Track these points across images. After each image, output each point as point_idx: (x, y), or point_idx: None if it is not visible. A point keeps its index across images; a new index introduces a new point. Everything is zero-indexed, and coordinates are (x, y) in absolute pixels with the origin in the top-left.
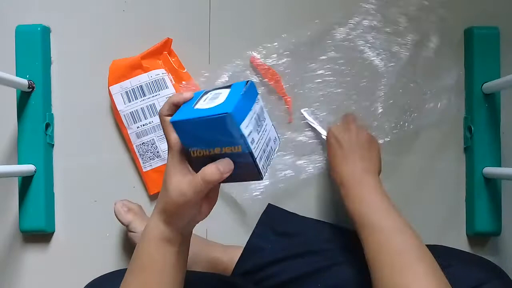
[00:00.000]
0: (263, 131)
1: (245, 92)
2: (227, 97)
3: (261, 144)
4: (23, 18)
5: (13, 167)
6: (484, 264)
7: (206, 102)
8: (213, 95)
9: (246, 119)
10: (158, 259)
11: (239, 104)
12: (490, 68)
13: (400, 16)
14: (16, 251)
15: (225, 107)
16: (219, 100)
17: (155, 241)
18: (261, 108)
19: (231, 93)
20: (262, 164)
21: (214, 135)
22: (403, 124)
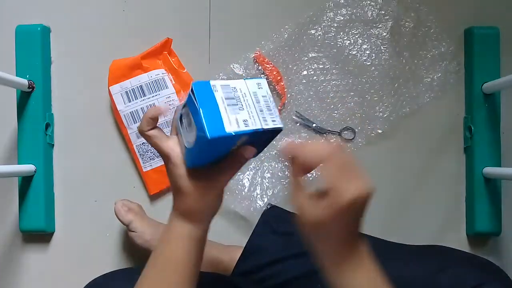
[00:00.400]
0: (245, 101)
1: (199, 102)
2: (194, 119)
3: (254, 112)
4: (23, 18)
5: (13, 167)
6: (484, 265)
7: (186, 128)
8: (186, 117)
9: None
10: (183, 256)
11: (207, 119)
12: (490, 68)
13: (371, 2)
14: (16, 251)
15: (203, 132)
16: (192, 125)
17: (181, 240)
18: (225, 88)
19: (192, 111)
20: (268, 120)
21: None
22: (398, 109)
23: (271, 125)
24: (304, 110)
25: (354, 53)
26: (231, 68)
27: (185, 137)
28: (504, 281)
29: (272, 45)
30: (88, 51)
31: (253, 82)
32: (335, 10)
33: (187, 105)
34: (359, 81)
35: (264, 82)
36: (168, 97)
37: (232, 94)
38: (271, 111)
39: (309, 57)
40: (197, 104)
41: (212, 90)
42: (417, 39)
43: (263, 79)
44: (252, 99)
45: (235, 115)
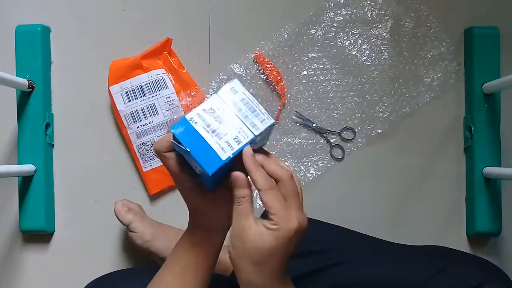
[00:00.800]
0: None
1: (186, 144)
2: (188, 158)
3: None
4: (23, 18)
5: (13, 167)
6: (484, 265)
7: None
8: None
9: (216, 149)
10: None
11: (200, 158)
12: (490, 68)
13: (371, 2)
14: (16, 251)
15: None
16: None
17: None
18: (202, 116)
19: (184, 153)
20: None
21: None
22: (398, 109)
23: (262, 126)
24: (304, 110)
25: (354, 53)
26: (231, 68)
27: (194, 168)
28: (504, 281)
29: (272, 45)
30: (88, 51)
31: (227, 91)
32: (335, 10)
33: (179, 151)
34: (359, 81)
35: (236, 83)
36: (168, 97)
37: (212, 118)
38: (256, 112)
39: (309, 57)
40: (185, 148)
41: (192, 125)
42: (417, 39)
43: (234, 80)
44: (233, 110)
45: (224, 138)
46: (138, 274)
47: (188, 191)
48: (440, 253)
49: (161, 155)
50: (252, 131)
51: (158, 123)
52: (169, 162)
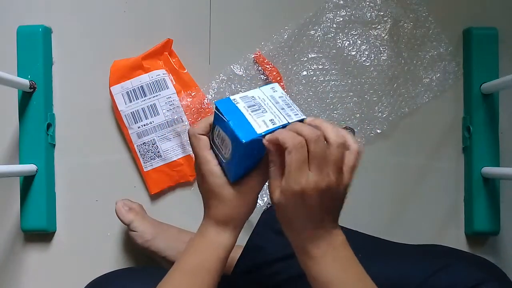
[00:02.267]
0: (266, 104)
1: (227, 116)
2: (226, 132)
3: (277, 111)
4: (24, 18)
5: (15, 167)
6: (483, 264)
7: (220, 147)
8: (217, 137)
9: (253, 124)
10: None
11: (237, 128)
12: (488, 68)
13: (370, 3)
14: (17, 251)
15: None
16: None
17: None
18: (244, 99)
19: (222, 127)
20: (291, 115)
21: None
22: (397, 109)
23: (295, 118)
24: (304, 110)
25: (354, 54)
26: (231, 68)
27: (221, 155)
28: (503, 280)
29: (272, 45)
30: (89, 51)
31: (268, 88)
32: (334, 11)
33: (216, 124)
34: (358, 81)
35: (277, 85)
36: (169, 98)
37: (252, 102)
38: (291, 107)
39: (309, 58)
40: (225, 118)
41: (234, 103)
42: (416, 40)
43: (276, 84)
44: (271, 101)
45: (261, 118)
46: (139, 273)
47: (214, 176)
48: (439, 252)
49: (195, 137)
50: (287, 119)
51: (158, 123)
52: (201, 144)
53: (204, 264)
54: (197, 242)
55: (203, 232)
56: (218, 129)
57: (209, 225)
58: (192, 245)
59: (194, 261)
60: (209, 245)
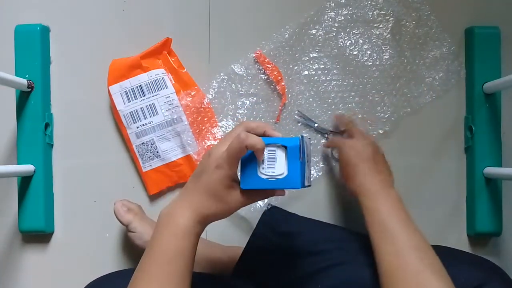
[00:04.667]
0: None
1: (302, 155)
2: (288, 166)
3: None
4: (22, 17)
5: (12, 167)
6: (485, 264)
7: (266, 166)
8: (269, 155)
9: (306, 174)
10: (190, 253)
11: (302, 172)
12: (490, 68)
13: (372, 2)
14: (15, 251)
15: (292, 181)
16: (279, 166)
17: (191, 237)
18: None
19: (289, 158)
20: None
21: None
22: (399, 109)
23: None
24: (305, 110)
25: (355, 53)
26: (232, 68)
27: (261, 167)
28: (505, 281)
29: (272, 45)
30: (87, 50)
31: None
32: (336, 10)
33: (287, 149)
34: (360, 81)
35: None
36: (168, 97)
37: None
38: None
39: (310, 57)
40: (301, 159)
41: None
42: (418, 39)
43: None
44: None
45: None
46: None
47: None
48: (441, 253)
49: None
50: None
51: (157, 123)
52: (241, 151)
53: (180, 252)
54: (162, 230)
55: (181, 221)
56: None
57: (190, 216)
58: (167, 233)
59: (162, 251)
60: (177, 232)
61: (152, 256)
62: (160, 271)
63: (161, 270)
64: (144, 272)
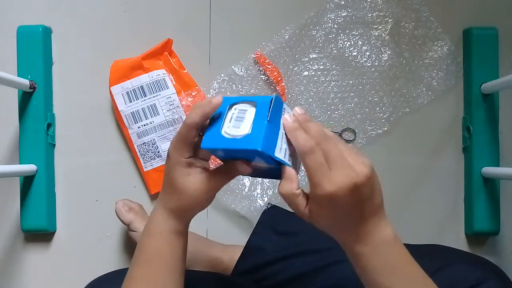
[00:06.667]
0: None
1: (271, 115)
2: (253, 123)
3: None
4: (24, 18)
5: (15, 167)
6: (483, 263)
7: (232, 125)
8: (238, 113)
9: (278, 144)
10: (167, 252)
11: (267, 133)
12: (488, 68)
13: (371, 4)
14: (17, 251)
15: (253, 140)
16: (244, 125)
17: (165, 235)
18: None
19: (257, 115)
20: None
21: (249, 157)
22: (398, 109)
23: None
24: (305, 110)
25: (355, 54)
26: (232, 68)
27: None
28: (503, 280)
29: (273, 46)
30: (89, 51)
31: None
32: (335, 12)
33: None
34: (359, 82)
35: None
36: (169, 98)
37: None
38: None
39: (310, 58)
40: (269, 118)
41: (281, 111)
42: (417, 40)
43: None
44: None
45: (286, 146)
46: None
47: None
48: (439, 252)
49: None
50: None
51: (158, 123)
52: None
53: (157, 253)
54: (147, 230)
55: (154, 219)
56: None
57: (160, 211)
58: (144, 234)
59: (143, 252)
60: (158, 231)
61: (134, 259)
62: (140, 273)
63: (141, 272)
64: (128, 275)
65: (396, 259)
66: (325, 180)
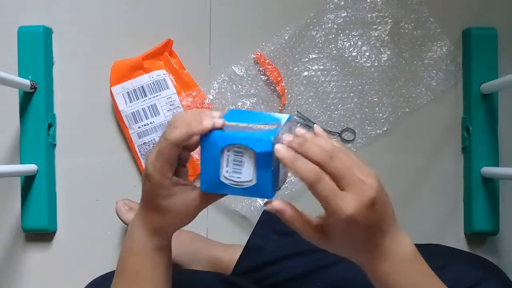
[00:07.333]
0: None
1: (274, 162)
2: (257, 173)
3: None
4: (25, 19)
5: (16, 166)
6: (482, 263)
7: (231, 170)
8: (235, 157)
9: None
10: (152, 268)
11: (272, 180)
12: (487, 68)
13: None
14: (18, 250)
15: (261, 191)
16: (246, 172)
17: (149, 253)
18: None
19: (258, 165)
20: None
21: None
22: (398, 110)
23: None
24: (304, 111)
25: (354, 55)
26: (232, 69)
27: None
28: (502, 279)
29: (272, 46)
30: (89, 52)
31: None
32: (335, 12)
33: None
34: (359, 82)
35: None
36: (169, 98)
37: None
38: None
39: (310, 58)
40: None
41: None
42: (417, 40)
43: None
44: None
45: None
46: None
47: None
48: (439, 251)
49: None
50: None
51: (159, 123)
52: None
53: (142, 270)
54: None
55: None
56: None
57: (141, 229)
58: (125, 250)
59: (129, 267)
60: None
61: (117, 277)
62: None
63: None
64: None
65: (420, 276)
66: (342, 203)
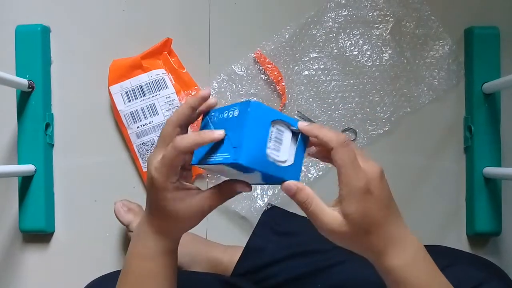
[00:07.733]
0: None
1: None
2: (296, 152)
3: None
4: (23, 18)
5: (13, 167)
6: (484, 264)
7: (272, 146)
8: (276, 134)
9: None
10: (160, 272)
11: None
12: (490, 68)
13: (372, 3)
14: (16, 251)
15: (293, 172)
16: (283, 152)
17: (158, 257)
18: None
19: (298, 146)
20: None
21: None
22: (399, 109)
23: None
24: (305, 110)
25: (355, 54)
26: (232, 68)
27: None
28: (505, 281)
29: (273, 45)
30: (88, 51)
31: None
32: (336, 11)
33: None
34: (360, 81)
35: None
36: (168, 97)
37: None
38: None
39: (310, 57)
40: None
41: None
42: (419, 39)
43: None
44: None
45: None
46: None
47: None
48: (441, 252)
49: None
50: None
51: (158, 123)
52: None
53: (150, 274)
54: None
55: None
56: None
57: (149, 233)
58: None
59: (136, 272)
60: (149, 253)
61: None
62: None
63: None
64: None
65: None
66: (359, 170)
